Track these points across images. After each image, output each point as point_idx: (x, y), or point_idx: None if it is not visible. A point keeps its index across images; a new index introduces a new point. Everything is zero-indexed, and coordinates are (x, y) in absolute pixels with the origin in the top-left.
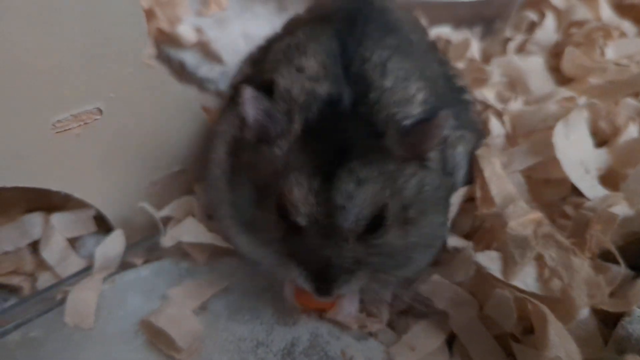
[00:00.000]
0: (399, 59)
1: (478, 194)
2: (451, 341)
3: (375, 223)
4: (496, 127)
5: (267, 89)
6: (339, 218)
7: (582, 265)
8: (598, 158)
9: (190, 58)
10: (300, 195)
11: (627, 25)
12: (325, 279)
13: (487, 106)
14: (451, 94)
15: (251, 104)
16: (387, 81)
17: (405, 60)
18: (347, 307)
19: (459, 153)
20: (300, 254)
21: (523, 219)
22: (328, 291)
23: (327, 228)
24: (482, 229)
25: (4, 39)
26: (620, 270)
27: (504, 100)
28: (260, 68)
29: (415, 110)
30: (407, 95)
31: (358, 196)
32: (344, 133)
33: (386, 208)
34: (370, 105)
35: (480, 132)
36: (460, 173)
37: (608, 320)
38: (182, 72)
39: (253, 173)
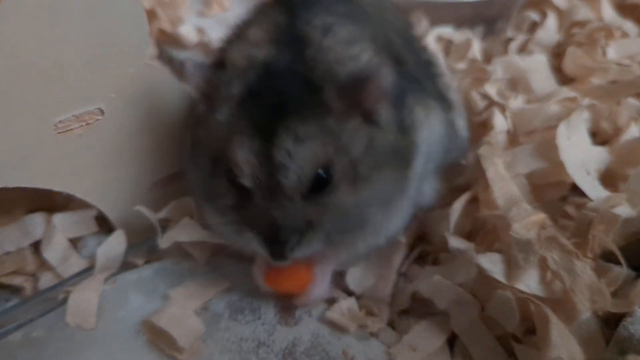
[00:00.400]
0: (346, 23)
1: (481, 195)
2: (452, 341)
3: (322, 181)
4: (499, 123)
5: (223, 64)
6: (280, 176)
7: (585, 269)
8: (599, 158)
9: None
10: (242, 156)
11: (629, 26)
12: (277, 242)
13: (490, 102)
14: (415, 64)
15: (194, 73)
16: (328, 40)
17: (353, 25)
18: (317, 289)
19: (417, 113)
20: (251, 219)
21: (526, 221)
22: (282, 254)
23: (271, 188)
24: (484, 229)
25: (7, 40)
26: (622, 270)
27: (505, 98)
28: (222, 49)
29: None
30: (349, 54)
31: (297, 153)
32: (280, 92)
33: (331, 164)
34: (307, 63)
35: (448, 102)
36: (420, 134)
37: (610, 321)
38: (183, 73)
39: (207, 145)
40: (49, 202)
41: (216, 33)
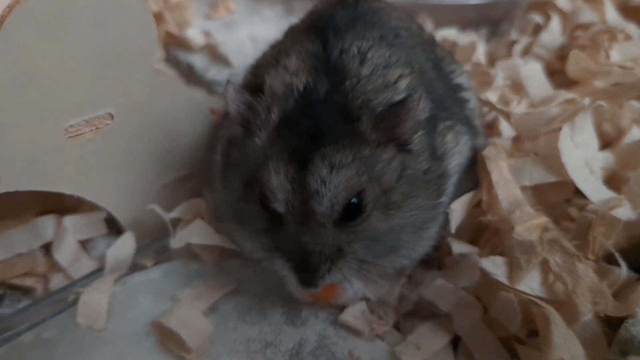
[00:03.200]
0: (381, 48)
1: (485, 197)
2: (456, 342)
3: (354, 209)
4: (506, 130)
5: (261, 90)
6: (313, 203)
7: (587, 271)
8: (602, 160)
9: (198, 61)
10: (277, 182)
11: (632, 28)
12: (307, 269)
13: (494, 108)
14: (444, 88)
15: (233, 98)
16: (365, 69)
17: (388, 49)
18: (347, 290)
19: (449, 141)
20: (282, 244)
21: (529, 223)
22: (312, 281)
23: (303, 214)
24: (488, 232)
25: (18, 48)
26: (623, 273)
27: (507, 103)
28: (257, 73)
29: (397, 96)
30: (386, 82)
31: (331, 181)
32: (318, 120)
33: (364, 193)
34: (346, 93)
35: (476, 129)
36: (452, 161)
37: (612, 322)
38: (190, 75)
39: (240, 168)
40: (59, 204)
41: (222, 36)
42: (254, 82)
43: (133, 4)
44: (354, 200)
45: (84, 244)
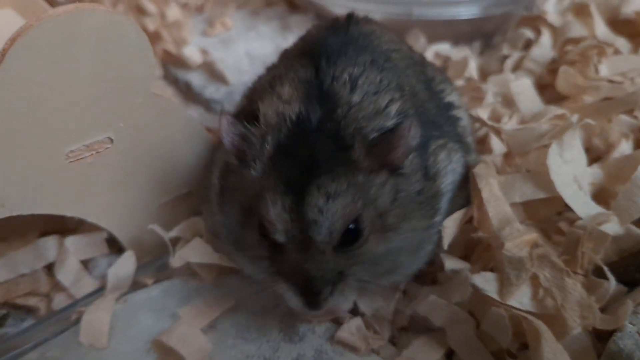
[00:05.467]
0: (372, 73)
1: (476, 214)
2: (450, 355)
3: (352, 234)
4: (497, 146)
5: (255, 117)
6: (312, 232)
7: (575, 286)
8: (591, 175)
9: (196, 79)
10: (275, 213)
11: (621, 42)
12: (311, 293)
13: (485, 124)
14: (435, 108)
15: (227, 130)
16: (356, 96)
17: (379, 74)
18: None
19: (441, 160)
20: (285, 270)
21: (519, 240)
22: (317, 304)
23: (303, 242)
24: (479, 248)
25: (21, 78)
26: (612, 286)
27: (498, 118)
28: (252, 98)
29: (389, 122)
30: (377, 108)
31: (328, 210)
32: (311, 150)
33: (360, 218)
34: (338, 121)
35: (468, 146)
36: (445, 180)
37: (602, 335)
38: (188, 93)
39: (238, 195)
40: (61, 225)
41: (219, 53)
42: (249, 107)
43: (131, 33)
44: (351, 226)
45: (86, 264)
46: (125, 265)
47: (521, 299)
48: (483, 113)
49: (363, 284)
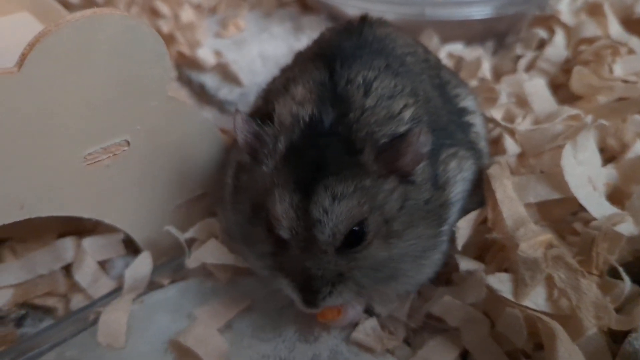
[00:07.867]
0: (386, 77)
1: (490, 215)
2: (465, 356)
3: (356, 237)
4: (511, 146)
5: (270, 117)
6: (316, 231)
7: (590, 286)
8: (605, 176)
9: (210, 81)
10: (282, 209)
11: (635, 42)
12: (309, 291)
13: (499, 125)
14: (448, 114)
15: (241, 128)
16: (370, 100)
17: (393, 79)
18: (351, 313)
19: (451, 169)
20: (287, 266)
21: (534, 241)
22: (313, 302)
23: (307, 241)
24: (494, 249)
25: (39, 83)
26: (627, 287)
27: (512, 119)
28: (267, 99)
29: (402, 127)
30: (390, 113)
31: (333, 211)
32: (322, 151)
33: (365, 222)
34: (350, 125)
35: (480, 152)
36: (454, 190)
37: (617, 336)
38: (202, 94)
39: (249, 193)
40: (78, 226)
41: (233, 54)
42: (265, 108)
43: (148, 38)
44: (355, 228)
45: (103, 265)
46: (141, 266)
47: (536, 299)
48: (496, 113)
49: (364, 290)
